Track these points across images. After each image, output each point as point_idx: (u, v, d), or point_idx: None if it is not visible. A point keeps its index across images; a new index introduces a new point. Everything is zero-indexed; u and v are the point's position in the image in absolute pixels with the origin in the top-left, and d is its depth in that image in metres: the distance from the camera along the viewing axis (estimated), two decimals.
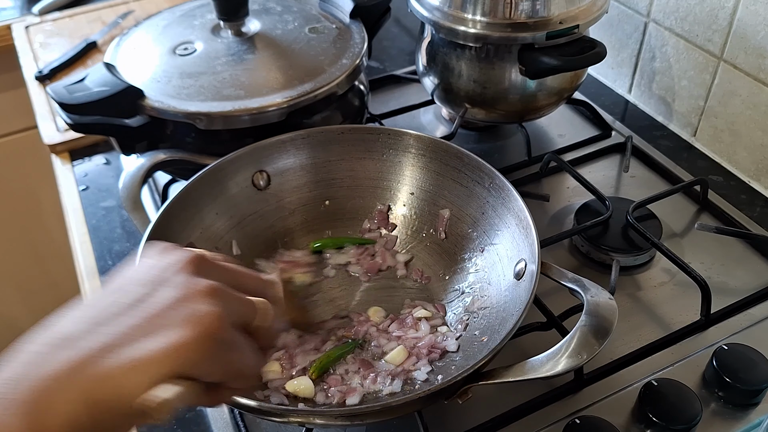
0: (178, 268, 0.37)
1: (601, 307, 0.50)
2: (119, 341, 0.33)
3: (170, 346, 0.33)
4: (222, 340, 0.35)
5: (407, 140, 0.70)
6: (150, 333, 0.33)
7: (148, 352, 0.32)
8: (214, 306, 0.35)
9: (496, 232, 0.64)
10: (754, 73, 0.79)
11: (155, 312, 0.34)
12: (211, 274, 0.37)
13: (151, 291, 0.35)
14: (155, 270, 0.37)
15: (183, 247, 0.40)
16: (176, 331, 0.33)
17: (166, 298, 0.35)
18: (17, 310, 1.60)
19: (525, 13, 0.75)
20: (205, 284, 0.36)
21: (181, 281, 0.36)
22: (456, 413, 0.59)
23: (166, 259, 0.38)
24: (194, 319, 0.34)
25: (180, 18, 0.82)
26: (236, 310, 0.37)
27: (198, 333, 0.33)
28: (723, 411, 0.58)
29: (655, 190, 0.79)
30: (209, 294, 0.35)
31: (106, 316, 0.34)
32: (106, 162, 0.92)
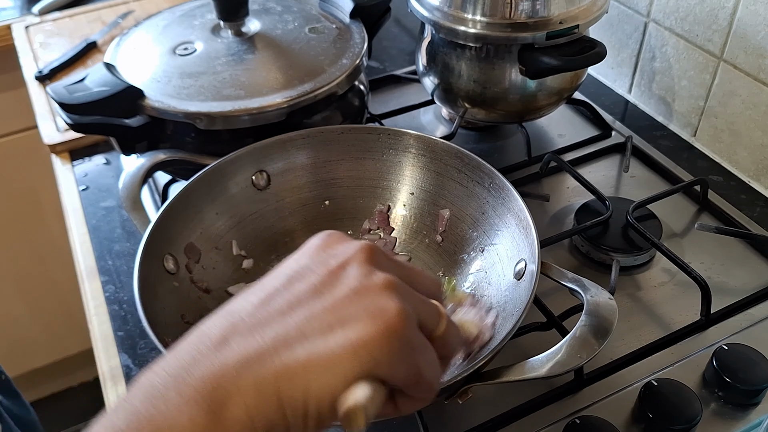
0: (354, 257, 0.34)
1: (601, 307, 0.50)
2: (303, 332, 0.30)
3: (356, 342, 0.30)
4: (407, 339, 0.31)
5: (407, 140, 0.70)
6: (333, 327, 0.30)
7: (333, 348, 0.30)
8: (396, 300, 0.31)
9: (496, 232, 0.64)
10: (754, 73, 0.79)
11: (336, 303, 0.31)
12: (387, 267, 0.34)
13: (330, 279, 0.33)
14: (331, 257, 0.34)
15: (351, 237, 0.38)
16: (360, 326, 0.30)
17: (346, 289, 0.32)
18: (17, 310, 1.60)
19: (525, 13, 0.75)
20: (383, 277, 0.33)
21: (359, 272, 0.33)
22: (456, 413, 0.59)
23: (341, 246, 0.35)
24: (378, 313, 0.31)
25: (180, 18, 0.82)
26: (419, 310, 0.33)
27: (383, 328, 0.30)
28: (723, 411, 0.58)
29: (655, 190, 0.79)
30: (390, 288, 0.32)
31: (285, 303, 0.32)
32: (106, 162, 0.92)
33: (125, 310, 0.72)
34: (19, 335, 1.64)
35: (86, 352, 1.19)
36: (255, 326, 0.31)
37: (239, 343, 0.30)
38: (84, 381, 1.82)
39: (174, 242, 0.61)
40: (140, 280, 0.54)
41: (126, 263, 0.77)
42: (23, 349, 1.67)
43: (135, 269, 0.55)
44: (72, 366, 1.75)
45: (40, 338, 1.66)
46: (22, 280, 1.56)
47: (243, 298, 0.33)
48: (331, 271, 0.33)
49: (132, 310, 0.71)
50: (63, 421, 1.77)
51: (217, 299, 0.64)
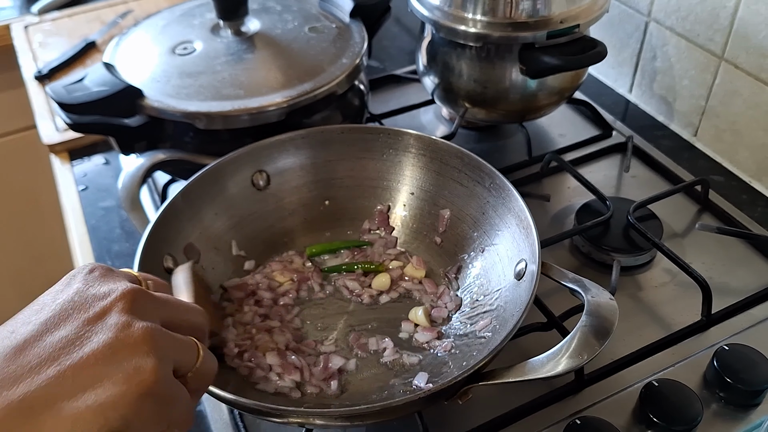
0: (113, 304, 0.33)
1: (601, 308, 0.50)
2: (53, 394, 0.30)
3: (105, 404, 0.30)
4: (159, 396, 0.32)
5: (407, 140, 0.70)
6: (84, 387, 0.30)
7: (81, 410, 0.30)
8: (151, 357, 0.32)
9: (497, 232, 0.63)
10: (756, 73, 0.78)
11: (88, 359, 0.31)
12: (148, 310, 0.34)
13: (86, 331, 0.32)
14: (90, 303, 0.33)
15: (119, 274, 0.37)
16: (112, 387, 0.30)
17: (100, 344, 0.31)
18: (17, 310, 1.59)
19: (526, 13, 0.74)
20: (142, 329, 0.32)
21: (116, 322, 0.32)
22: (456, 414, 0.59)
23: (102, 288, 0.34)
24: (132, 373, 0.31)
25: (179, 17, 0.82)
26: (174, 357, 0.34)
27: (134, 389, 0.31)
28: (724, 411, 0.58)
29: (656, 190, 0.78)
30: (146, 340, 0.32)
31: (36, 359, 0.31)
32: (105, 162, 0.92)
33: None
34: None
35: None
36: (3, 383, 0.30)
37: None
38: None
39: (173, 242, 0.61)
40: None
41: (126, 263, 0.77)
42: None
43: (135, 269, 0.55)
44: None
45: None
46: (21, 280, 1.56)
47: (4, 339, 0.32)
48: (87, 320, 0.32)
49: None
50: None
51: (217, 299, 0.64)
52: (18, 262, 1.53)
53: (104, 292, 0.34)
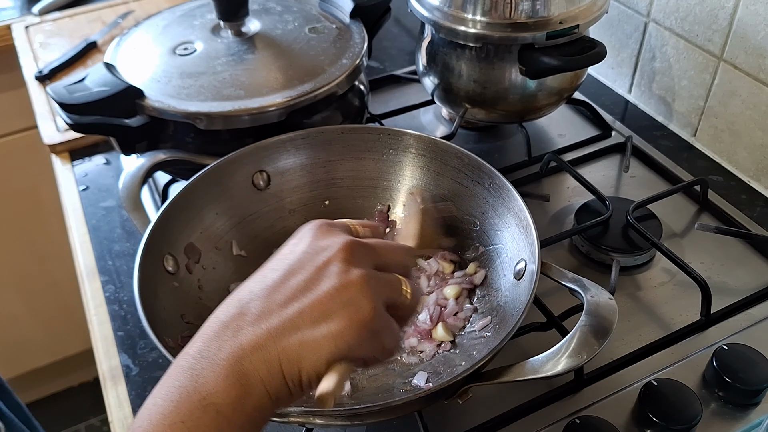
0: (335, 255, 0.42)
1: (601, 307, 0.50)
2: (296, 323, 0.39)
3: (335, 333, 0.39)
4: (374, 328, 0.40)
5: (407, 140, 0.70)
6: (318, 320, 0.39)
7: (318, 337, 0.39)
8: (366, 298, 0.40)
9: (496, 232, 0.64)
10: (754, 73, 0.79)
11: (321, 299, 0.40)
12: (363, 257, 0.42)
13: (316, 276, 0.41)
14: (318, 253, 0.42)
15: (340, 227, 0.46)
16: (338, 320, 0.39)
17: (328, 287, 0.40)
18: (17, 310, 1.60)
19: (525, 13, 0.74)
20: (357, 275, 0.41)
21: (337, 270, 0.41)
22: (456, 413, 0.59)
23: (325, 242, 0.43)
24: (353, 310, 0.40)
25: (180, 18, 0.82)
26: (385, 293, 0.42)
27: (356, 323, 0.39)
28: (723, 411, 0.58)
29: (655, 190, 0.79)
30: (362, 284, 0.40)
31: (282, 297, 0.40)
32: (106, 162, 0.92)
33: (125, 310, 0.72)
34: (19, 335, 1.64)
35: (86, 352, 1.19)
36: (260, 316, 0.39)
37: (250, 331, 0.39)
38: (84, 381, 1.82)
39: (174, 242, 0.62)
40: (140, 280, 0.54)
41: (126, 263, 0.77)
42: (23, 349, 1.67)
43: (135, 269, 0.55)
44: (72, 366, 1.75)
45: (40, 338, 1.66)
46: (22, 280, 1.56)
47: (249, 288, 0.42)
48: (317, 268, 0.41)
49: (132, 310, 0.71)
50: (63, 421, 1.77)
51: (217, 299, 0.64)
52: (19, 262, 1.54)
53: (327, 245, 0.43)
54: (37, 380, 1.75)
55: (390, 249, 0.46)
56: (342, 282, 0.41)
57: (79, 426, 1.76)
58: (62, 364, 1.73)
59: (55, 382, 1.80)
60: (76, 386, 1.83)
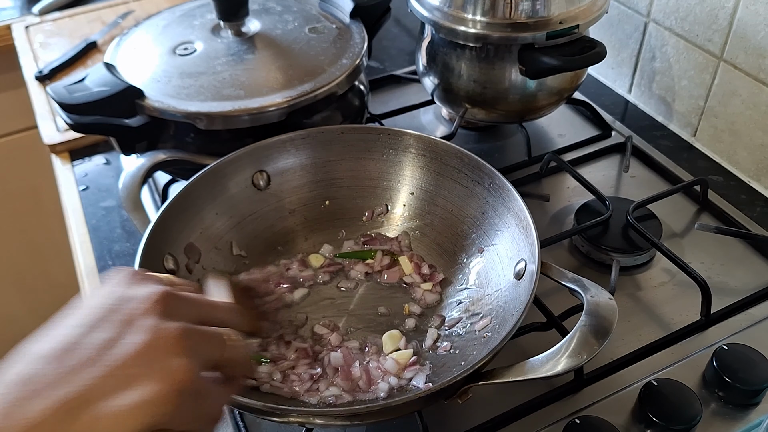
0: (146, 307, 0.36)
1: (601, 307, 0.50)
2: (93, 392, 0.32)
3: (144, 402, 0.32)
4: (191, 393, 0.34)
5: (407, 140, 0.70)
6: (123, 385, 0.32)
7: (123, 408, 0.32)
8: (183, 357, 0.34)
9: (496, 232, 0.64)
10: (754, 73, 0.79)
11: (126, 360, 0.33)
12: (180, 311, 0.37)
13: (120, 333, 0.34)
14: (123, 306, 0.36)
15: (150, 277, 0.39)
16: (148, 386, 0.33)
17: (136, 345, 0.34)
18: (17, 310, 1.60)
19: (525, 13, 0.75)
20: (173, 330, 0.35)
21: (149, 325, 0.35)
22: (456, 413, 0.59)
23: (135, 292, 0.37)
24: (164, 373, 0.33)
25: (180, 18, 0.82)
26: (205, 351, 0.37)
27: (169, 388, 0.33)
28: (723, 411, 0.58)
29: (655, 190, 0.79)
30: (178, 341, 0.35)
31: (76, 359, 0.33)
32: (106, 162, 0.92)
33: None
34: (19, 335, 1.63)
35: None
36: (46, 388, 0.32)
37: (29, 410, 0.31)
38: None
39: (174, 242, 0.62)
40: None
41: (126, 263, 0.77)
42: None
43: (135, 269, 0.55)
44: None
45: None
46: (22, 280, 1.56)
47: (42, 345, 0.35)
48: (123, 322, 0.35)
49: None
50: None
51: None
52: (19, 262, 1.54)
53: (137, 295, 0.36)
54: None
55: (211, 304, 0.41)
56: (152, 337, 0.34)
57: None
58: None
59: None
60: None
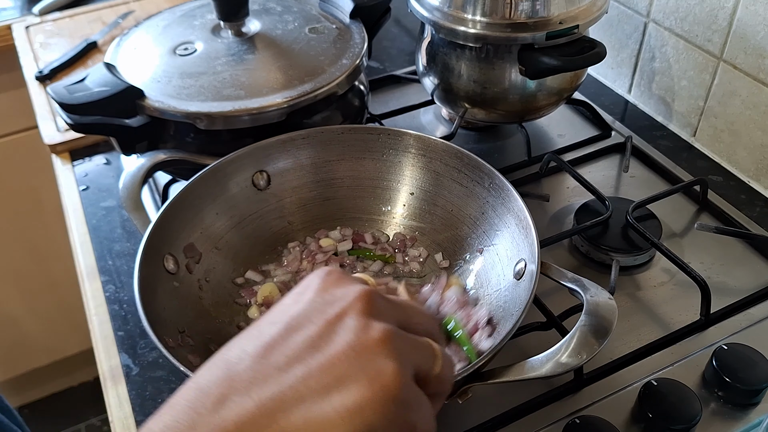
0: (351, 306, 0.33)
1: (600, 307, 0.50)
2: (300, 393, 0.30)
3: (351, 407, 0.30)
4: (402, 401, 0.31)
5: (407, 140, 0.70)
6: (330, 388, 0.30)
7: (329, 412, 0.30)
8: (392, 360, 0.31)
9: (496, 232, 0.64)
10: (754, 74, 0.79)
11: (333, 360, 0.31)
12: (384, 313, 0.34)
13: (327, 331, 0.32)
14: (329, 303, 0.34)
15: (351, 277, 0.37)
16: (356, 389, 0.30)
17: (343, 344, 0.32)
18: (17, 310, 1.60)
19: (525, 14, 0.75)
20: (380, 330, 0.32)
21: (355, 324, 0.32)
22: (456, 413, 0.59)
23: (339, 290, 0.35)
24: (374, 375, 0.31)
25: (180, 18, 0.82)
26: (414, 359, 0.34)
27: (378, 393, 0.30)
28: (723, 411, 0.58)
29: (655, 190, 0.79)
30: (386, 342, 0.32)
31: (282, 358, 0.32)
32: (106, 162, 0.92)
33: (125, 310, 0.72)
34: (19, 335, 1.64)
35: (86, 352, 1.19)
36: (252, 383, 0.31)
37: (237, 403, 0.30)
38: (84, 381, 1.82)
39: (174, 242, 0.62)
40: (140, 280, 0.54)
41: (126, 263, 0.77)
42: (23, 349, 1.67)
43: (135, 269, 0.55)
44: (72, 366, 1.75)
45: (40, 338, 1.66)
46: (22, 280, 1.56)
47: (240, 346, 0.33)
48: (328, 322, 0.33)
49: (132, 310, 0.71)
50: (63, 421, 1.77)
51: (217, 299, 0.64)
52: (19, 262, 1.54)
53: (342, 294, 0.34)
54: (37, 380, 1.75)
55: (416, 308, 0.38)
56: (360, 339, 0.32)
57: (80, 426, 1.76)
58: (62, 364, 1.73)
59: (55, 382, 1.80)
60: (76, 386, 1.84)
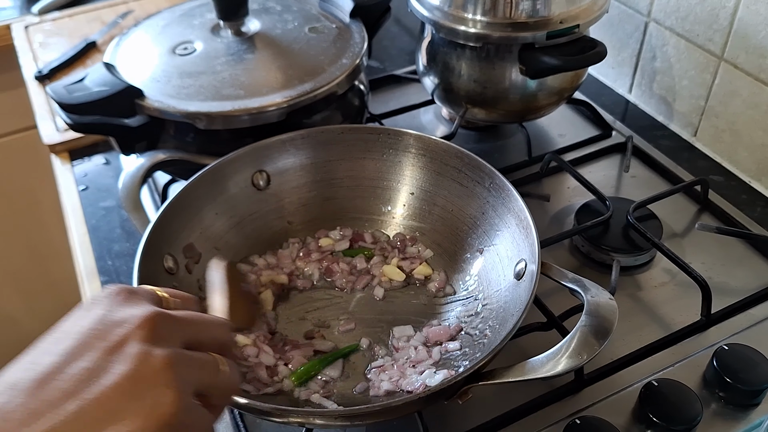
0: (132, 332, 0.33)
1: (601, 308, 0.50)
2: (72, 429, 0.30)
3: None
4: (178, 425, 0.32)
5: (407, 140, 0.70)
6: (103, 420, 0.30)
7: None
8: (171, 388, 0.32)
9: (496, 232, 0.63)
10: (755, 73, 0.79)
11: (108, 394, 0.31)
12: (170, 333, 0.34)
13: (104, 362, 0.32)
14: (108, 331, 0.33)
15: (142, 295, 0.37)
16: (130, 422, 0.30)
17: (119, 376, 0.31)
18: (17, 310, 1.60)
19: (525, 13, 0.74)
20: (161, 358, 0.32)
21: (135, 352, 0.32)
22: (456, 414, 0.59)
23: (121, 314, 0.34)
24: (150, 406, 0.31)
25: (180, 18, 0.82)
26: (196, 378, 0.34)
27: (154, 423, 0.31)
28: (723, 411, 0.58)
29: (656, 190, 0.78)
30: (166, 370, 0.32)
31: (55, 391, 0.31)
32: (105, 162, 0.92)
33: None
34: (19, 335, 1.64)
35: None
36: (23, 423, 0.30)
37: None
38: None
39: (174, 242, 0.61)
40: (140, 280, 0.54)
41: (126, 263, 0.77)
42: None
43: (135, 269, 0.55)
44: None
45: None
46: (21, 280, 1.56)
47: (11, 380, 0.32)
48: (107, 350, 0.32)
49: None
50: None
51: None
52: (18, 262, 1.53)
53: (124, 318, 0.34)
54: None
55: (204, 323, 0.38)
56: (138, 368, 0.31)
57: None
58: None
59: None
60: None
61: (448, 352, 0.60)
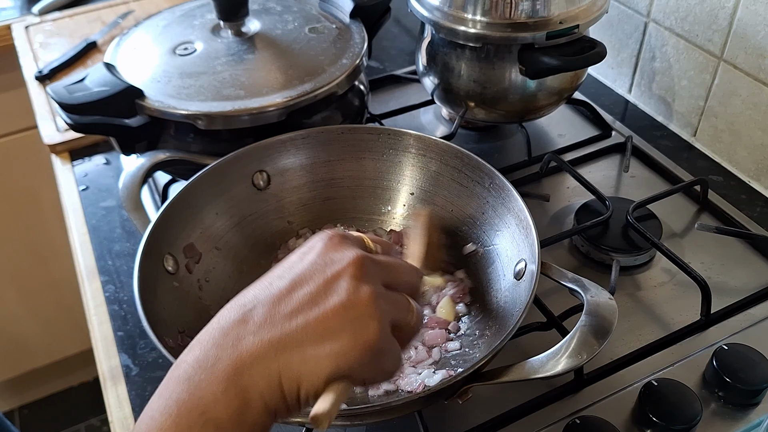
0: (345, 270, 0.40)
1: (601, 307, 0.50)
2: (300, 338, 0.38)
3: (338, 353, 0.38)
4: (378, 351, 0.39)
5: (407, 140, 0.70)
6: (323, 337, 0.38)
7: (320, 355, 0.38)
8: (374, 319, 0.39)
9: (496, 232, 0.64)
10: (754, 73, 0.79)
11: (327, 315, 0.38)
12: (372, 276, 0.41)
13: (324, 289, 0.39)
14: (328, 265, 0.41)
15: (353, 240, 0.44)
16: (343, 340, 0.38)
17: (336, 302, 0.39)
18: (17, 310, 1.60)
19: (525, 13, 0.75)
20: (367, 293, 0.39)
21: (347, 286, 0.39)
22: (456, 413, 0.59)
23: (338, 254, 0.42)
24: (358, 330, 0.38)
25: (180, 18, 0.82)
26: (393, 313, 0.41)
27: (360, 344, 0.38)
28: (723, 411, 0.58)
29: (655, 190, 0.79)
30: (370, 303, 0.39)
31: (288, 308, 0.39)
32: (106, 162, 0.92)
33: (125, 310, 0.72)
34: (19, 335, 1.64)
35: (86, 352, 1.19)
36: (263, 326, 0.38)
37: (250, 341, 0.38)
38: (84, 381, 1.82)
39: (174, 242, 0.62)
40: (140, 280, 0.54)
41: (126, 263, 0.77)
42: (23, 349, 1.67)
43: (135, 269, 0.55)
44: (72, 366, 1.75)
45: (40, 338, 1.66)
46: (21, 280, 1.56)
47: (253, 295, 0.40)
48: (326, 281, 0.40)
49: (132, 310, 0.71)
50: (63, 421, 1.77)
51: (217, 299, 0.64)
52: (19, 262, 1.54)
53: (339, 258, 0.41)
54: (36, 380, 1.75)
55: (400, 268, 0.45)
56: (350, 299, 0.39)
57: (79, 426, 1.76)
58: (62, 364, 1.73)
59: (55, 382, 1.80)
60: (76, 386, 1.83)
61: (447, 352, 0.60)
